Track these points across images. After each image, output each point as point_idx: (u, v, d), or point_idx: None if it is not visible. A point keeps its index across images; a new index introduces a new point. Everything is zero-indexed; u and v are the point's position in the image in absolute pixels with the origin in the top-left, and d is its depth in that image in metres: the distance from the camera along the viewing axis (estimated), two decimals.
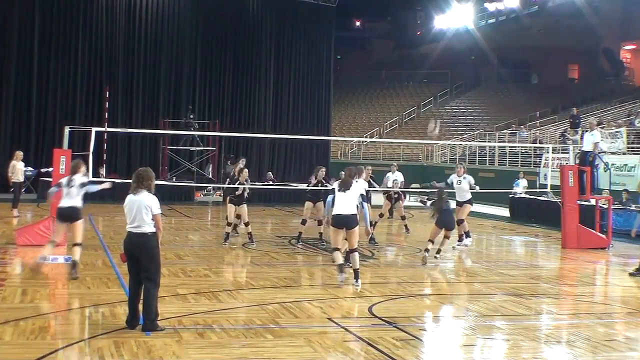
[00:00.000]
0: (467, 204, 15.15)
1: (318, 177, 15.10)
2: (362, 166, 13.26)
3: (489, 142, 34.79)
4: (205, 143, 29.60)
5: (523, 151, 30.95)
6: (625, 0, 42.62)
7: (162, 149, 28.80)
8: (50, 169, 18.78)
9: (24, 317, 7.99)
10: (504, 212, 25.16)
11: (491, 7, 46.63)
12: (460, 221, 14.87)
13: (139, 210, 7.59)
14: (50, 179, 15.96)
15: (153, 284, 7.54)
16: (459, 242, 15.15)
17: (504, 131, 36.73)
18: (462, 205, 15.07)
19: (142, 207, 7.59)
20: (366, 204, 10.96)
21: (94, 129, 15.24)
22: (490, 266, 13.46)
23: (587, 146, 17.59)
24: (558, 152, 25.59)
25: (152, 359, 6.66)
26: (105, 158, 27.03)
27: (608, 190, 19.28)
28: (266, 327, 7.93)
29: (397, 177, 18.50)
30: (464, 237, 15.15)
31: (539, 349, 7.61)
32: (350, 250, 10.40)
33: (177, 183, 25.60)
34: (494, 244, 18.27)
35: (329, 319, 8.49)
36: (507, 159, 31.54)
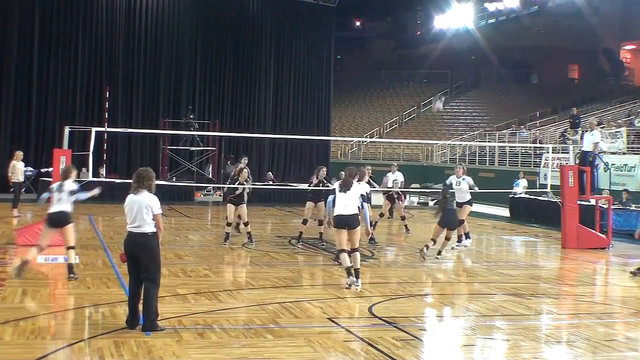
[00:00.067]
0: (467, 205, 15.15)
1: (319, 177, 15.09)
2: (364, 168, 13.25)
3: (489, 142, 34.77)
4: (205, 143, 29.59)
5: (523, 151, 30.95)
6: (625, 0, 42.61)
7: (162, 149, 28.80)
8: (50, 169, 18.79)
9: (24, 317, 8.00)
10: (504, 212, 25.16)
11: (491, 7, 46.64)
12: (461, 222, 14.87)
13: (140, 210, 7.59)
14: (50, 179, 15.97)
15: (153, 284, 7.55)
16: (459, 242, 15.15)
17: (504, 131, 36.72)
18: (462, 206, 15.07)
19: (143, 207, 7.59)
20: (366, 204, 10.95)
21: (94, 129, 15.29)
22: (490, 266, 13.46)
23: (587, 146, 17.58)
24: (558, 152, 25.59)
25: (152, 359, 6.66)
26: (105, 158, 27.04)
27: (608, 190, 19.27)
28: (266, 327, 7.93)
29: (397, 177, 18.49)
30: (463, 237, 15.15)
31: (539, 349, 7.61)
32: (351, 250, 10.40)
33: (177, 183, 25.59)
34: (494, 244, 18.28)
35: (329, 319, 8.49)
36: (507, 159, 31.53)
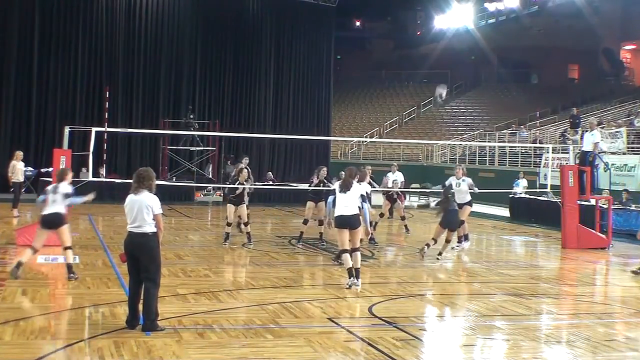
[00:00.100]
0: (467, 206, 15.14)
1: (320, 177, 15.09)
2: (365, 169, 13.25)
3: (489, 142, 34.77)
4: (205, 143, 29.59)
5: (523, 151, 30.95)
6: (625, 0, 42.62)
7: (162, 149, 28.79)
8: (50, 169, 18.80)
9: (24, 317, 8.00)
10: (504, 212, 25.16)
11: (491, 7, 46.64)
12: (461, 222, 14.88)
13: (140, 210, 7.59)
14: (50, 179, 15.95)
15: (153, 284, 7.55)
16: (458, 243, 15.15)
17: (504, 131, 36.72)
18: (462, 207, 15.07)
19: (143, 207, 7.59)
20: (365, 204, 10.94)
21: (94, 129, 15.29)
22: (490, 266, 13.46)
23: (587, 146, 17.57)
24: (558, 152, 25.59)
25: (152, 359, 6.66)
26: (105, 158, 27.05)
27: (608, 190, 19.27)
28: (266, 327, 7.93)
29: (397, 177, 18.48)
30: (462, 239, 15.16)
31: (539, 349, 7.61)
32: (352, 249, 10.40)
33: (177, 183, 25.58)
34: (494, 244, 18.27)
35: (329, 319, 8.49)
36: (507, 159, 31.53)
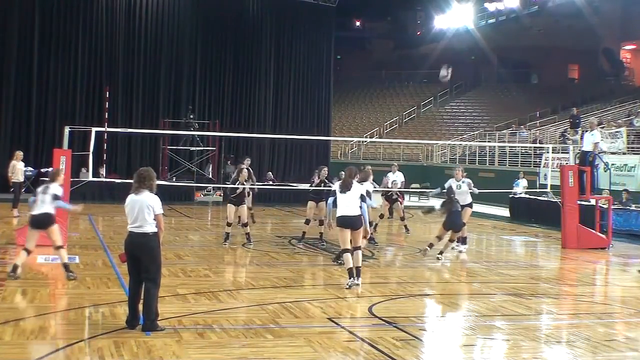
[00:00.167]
0: (468, 208, 15.13)
1: (321, 177, 15.14)
2: (367, 168, 13.24)
3: (489, 142, 34.77)
4: (205, 143, 29.58)
5: (523, 151, 30.95)
6: (625, 0, 42.60)
7: (162, 149, 28.78)
8: (50, 169, 18.75)
9: (24, 317, 8.00)
10: (504, 212, 25.16)
11: (491, 7, 46.61)
12: (462, 224, 14.90)
13: (141, 210, 7.58)
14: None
15: (154, 284, 7.54)
16: (457, 243, 15.13)
17: (504, 131, 36.71)
18: (463, 208, 15.08)
19: (145, 207, 7.59)
20: (364, 204, 10.92)
21: (94, 129, 15.27)
22: (490, 266, 13.46)
23: (587, 146, 17.56)
24: (558, 152, 25.59)
25: (152, 359, 6.66)
26: (105, 158, 27.05)
27: (608, 190, 19.27)
28: (266, 327, 7.93)
29: (397, 177, 18.45)
30: (460, 242, 15.16)
31: (539, 349, 7.61)
32: (353, 248, 10.41)
33: (177, 183, 25.58)
34: (494, 244, 18.27)
35: (329, 319, 8.49)
36: (507, 159, 31.53)
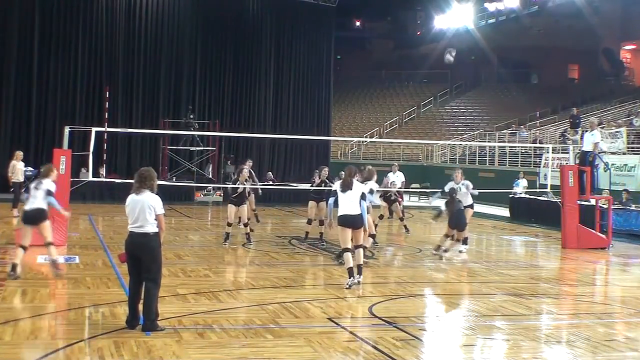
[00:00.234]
0: (468, 209, 15.15)
1: (321, 177, 15.18)
2: (367, 168, 13.22)
3: (489, 142, 34.77)
4: (205, 143, 29.60)
5: (523, 151, 30.95)
6: (625, 0, 42.61)
7: (162, 149, 28.80)
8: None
9: (24, 317, 8.00)
10: (504, 212, 25.16)
11: (491, 7, 46.59)
12: (466, 223, 14.92)
13: (142, 210, 7.58)
14: None
15: (154, 284, 7.54)
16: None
17: (504, 131, 36.72)
18: (464, 209, 15.07)
19: (146, 207, 7.58)
20: (364, 203, 10.90)
21: (94, 129, 15.30)
22: (490, 266, 13.47)
23: (587, 146, 17.56)
24: (558, 152, 25.60)
25: (152, 359, 6.66)
26: (105, 158, 27.08)
27: (608, 190, 19.27)
28: (266, 327, 7.93)
29: (397, 177, 18.44)
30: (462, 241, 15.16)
31: (539, 349, 7.60)
32: (355, 246, 10.40)
33: (177, 183, 25.59)
34: (494, 244, 18.27)
35: (329, 319, 8.49)
36: (507, 159, 31.53)
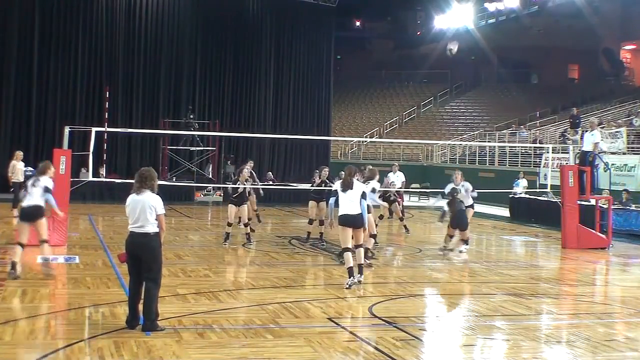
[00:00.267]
0: (469, 209, 15.17)
1: (322, 177, 15.18)
2: (368, 168, 13.23)
3: (489, 142, 34.76)
4: (205, 143, 29.60)
5: (523, 151, 30.95)
6: (625, 0, 42.61)
7: (162, 149, 28.81)
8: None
9: (24, 317, 8.00)
10: (504, 212, 25.16)
11: (491, 7, 46.56)
12: (467, 223, 14.94)
13: (143, 210, 7.58)
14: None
15: (154, 284, 7.54)
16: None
17: (504, 131, 36.71)
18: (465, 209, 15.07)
19: (147, 207, 7.58)
20: (365, 202, 10.90)
21: (94, 129, 15.30)
22: (490, 266, 13.46)
23: (587, 146, 17.56)
24: (558, 152, 25.60)
25: (152, 359, 6.66)
26: (105, 158, 27.08)
27: (608, 190, 19.27)
28: (266, 327, 7.93)
29: (398, 177, 18.44)
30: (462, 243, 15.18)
31: (539, 349, 7.60)
32: (355, 246, 10.41)
33: (177, 183, 25.59)
34: (494, 244, 18.27)
35: (329, 319, 8.49)
36: (507, 159, 31.53)
